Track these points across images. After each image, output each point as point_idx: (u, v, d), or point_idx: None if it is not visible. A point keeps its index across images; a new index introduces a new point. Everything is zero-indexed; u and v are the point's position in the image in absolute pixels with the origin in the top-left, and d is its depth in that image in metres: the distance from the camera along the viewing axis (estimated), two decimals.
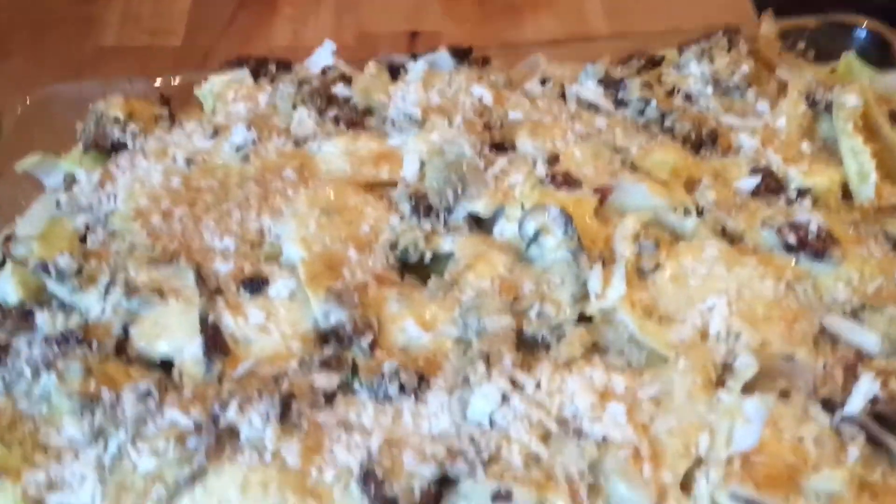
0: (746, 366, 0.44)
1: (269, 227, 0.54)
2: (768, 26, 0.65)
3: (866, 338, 0.46)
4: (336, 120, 0.60)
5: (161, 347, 0.49)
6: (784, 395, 0.45)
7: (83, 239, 0.56)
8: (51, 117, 0.68)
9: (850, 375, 0.45)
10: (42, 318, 0.51)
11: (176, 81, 0.67)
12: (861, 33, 0.65)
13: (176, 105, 0.66)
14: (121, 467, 0.44)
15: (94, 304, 0.51)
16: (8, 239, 0.56)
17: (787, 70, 0.63)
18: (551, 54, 0.66)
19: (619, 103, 0.59)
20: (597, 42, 0.68)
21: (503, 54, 0.66)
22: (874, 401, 0.44)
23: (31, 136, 0.67)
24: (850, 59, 0.64)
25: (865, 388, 0.44)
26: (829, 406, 0.45)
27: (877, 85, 0.61)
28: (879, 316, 0.47)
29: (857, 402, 0.44)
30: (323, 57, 0.64)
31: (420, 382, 0.46)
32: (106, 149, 0.61)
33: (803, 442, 0.44)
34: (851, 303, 0.48)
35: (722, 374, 0.45)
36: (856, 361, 0.46)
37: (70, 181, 0.59)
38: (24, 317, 0.52)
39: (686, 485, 0.43)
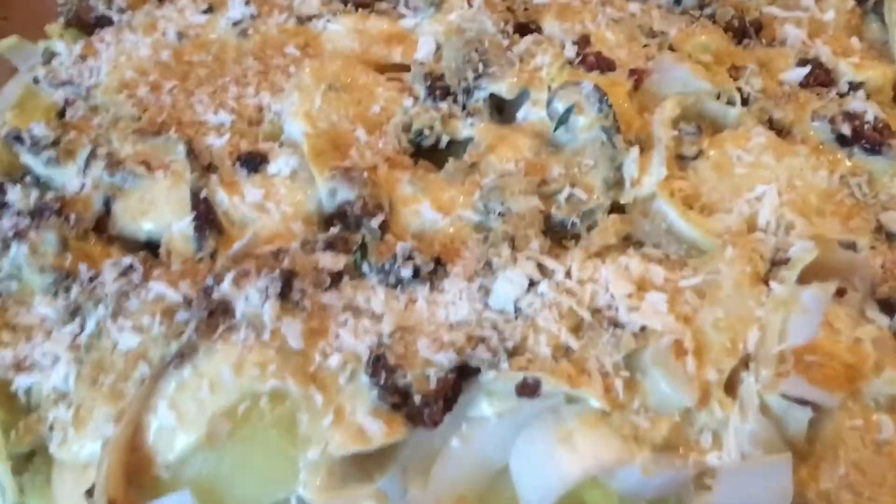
0: (804, 250, 0.39)
1: (268, 104, 0.49)
2: None
3: None
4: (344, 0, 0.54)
5: (146, 225, 0.44)
6: (840, 293, 0.41)
7: (61, 114, 0.50)
8: None
9: None
10: (14, 193, 0.46)
11: None
12: None
13: None
14: (98, 346, 0.40)
15: (72, 178, 0.46)
16: None
17: None
18: None
19: None
20: None
21: None
22: None
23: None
24: None
25: None
26: (889, 307, 0.41)
27: None
28: None
29: None
30: None
31: (436, 268, 0.41)
32: (89, 24, 0.55)
33: (861, 343, 0.40)
34: None
35: (770, 270, 0.41)
36: None
37: (49, 56, 0.54)
38: None
39: (730, 386, 0.39)
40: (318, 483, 0.37)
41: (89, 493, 0.37)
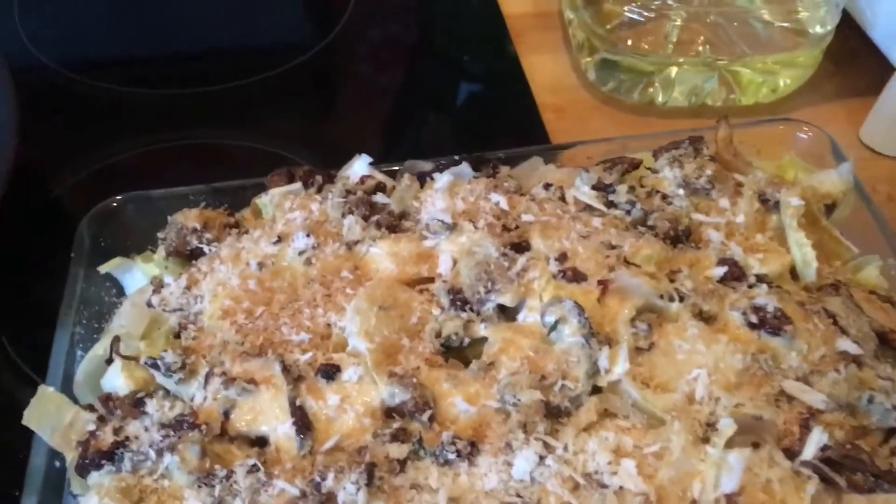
0: (727, 426, 0.56)
1: (335, 322, 0.65)
2: (724, 131, 0.78)
3: (815, 397, 0.60)
4: (378, 224, 0.72)
5: (259, 428, 0.61)
6: (755, 446, 0.58)
7: (177, 336, 0.67)
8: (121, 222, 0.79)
9: (804, 428, 0.59)
10: (152, 405, 0.62)
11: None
12: (802, 135, 0.80)
13: (232, 207, 0.78)
14: None
15: (196, 392, 0.63)
16: (115, 339, 0.67)
17: (744, 167, 0.77)
18: (546, 156, 0.80)
19: (610, 204, 0.72)
20: (585, 145, 0.81)
21: (506, 157, 0.79)
22: (824, 448, 0.58)
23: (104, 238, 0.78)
24: (792, 158, 0.78)
25: (817, 438, 0.57)
26: (790, 454, 0.58)
27: (813, 181, 0.75)
28: (824, 379, 0.61)
29: (810, 450, 0.57)
30: (360, 168, 0.76)
31: (472, 448, 0.58)
32: (185, 254, 0.72)
33: (771, 483, 0.57)
34: (802, 369, 0.62)
35: (706, 432, 0.58)
36: (808, 416, 0.59)
37: (159, 284, 0.70)
38: (135, 404, 0.63)
39: None
40: None
41: None
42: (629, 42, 1.03)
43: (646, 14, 1.04)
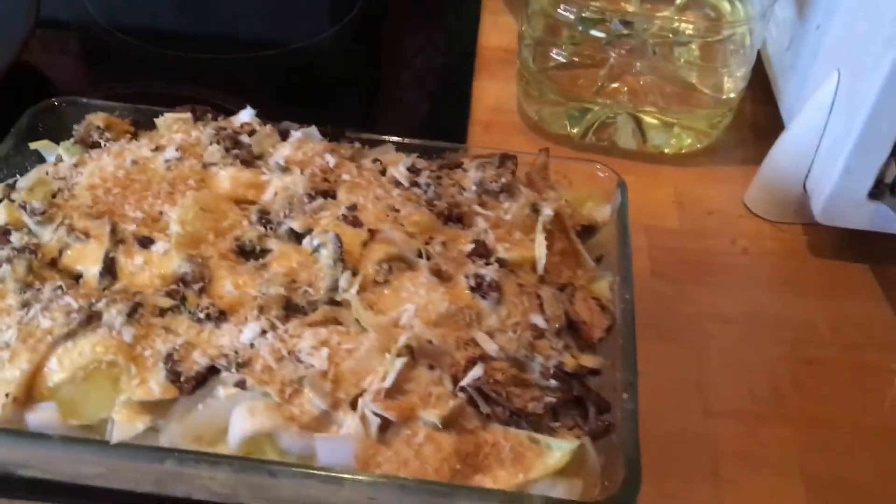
0: (402, 341, 0.73)
1: (166, 211, 0.85)
2: (541, 158, 0.96)
3: (490, 346, 0.75)
4: (236, 157, 0.91)
5: (78, 266, 0.80)
6: (431, 367, 0.74)
7: (54, 196, 0.87)
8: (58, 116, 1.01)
9: (471, 364, 0.74)
10: (16, 236, 0.82)
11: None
12: (602, 174, 0.96)
13: (143, 124, 0.99)
14: (31, 324, 0.74)
15: (47, 234, 0.82)
16: (8, 186, 0.87)
17: (545, 189, 0.94)
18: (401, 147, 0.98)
19: (414, 184, 0.90)
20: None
21: (366, 140, 0.98)
22: (478, 380, 0.73)
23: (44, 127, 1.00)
24: (590, 192, 0.95)
25: (475, 372, 0.73)
26: (454, 380, 0.74)
27: (593, 210, 0.92)
28: (505, 336, 0.77)
29: (467, 378, 0.73)
30: (245, 116, 0.96)
31: (220, 315, 0.76)
32: (88, 145, 0.93)
33: (430, 395, 0.72)
34: (496, 327, 0.78)
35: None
36: (476, 357, 0.75)
37: (58, 160, 0.91)
38: (4, 233, 0.83)
39: (353, 404, 0.72)
40: (122, 412, 0.71)
41: (7, 395, 0.71)
42: (559, 82, 1.22)
43: (576, 59, 1.23)
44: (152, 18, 1.46)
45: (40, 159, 0.97)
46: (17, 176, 0.93)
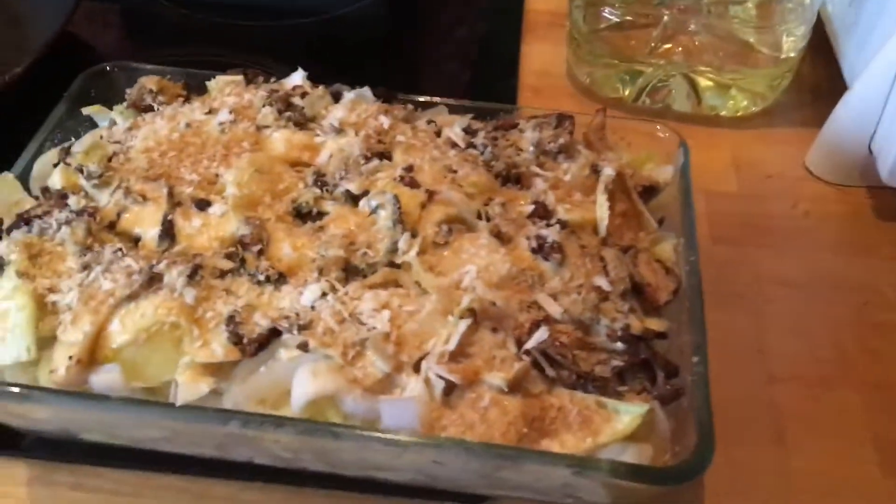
0: (464, 301, 0.71)
1: (221, 174, 0.84)
2: (598, 118, 0.93)
3: (554, 308, 0.74)
4: (289, 119, 0.90)
5: (136, 229, 0.80)
6: (494, 330, 0.73)
7: (109, 160, 0.87)
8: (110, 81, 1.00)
9: (535, 327, 0.73)
10: (73, 200, 0.81)
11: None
12: (662, 135, 0.94)
13: (197, 90, 0.98)
14: (92, 286, 0.74)
15: (105, 197, 0.82)
16: (63, 150, 0.87)
17: (604, 149, 0.91)
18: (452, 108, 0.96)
19: (470, 145, 0.88)
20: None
21: (418, 103, 0.96)
22: (543, 343, 0.72)
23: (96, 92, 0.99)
24: (649, 153, 0.92)
25: (539, 334, 0.71)
26: (518, 343, 0.73)
27: (654, 171, 0.89)
28: (569, 298, 0.75)
29: (532, 342, 0.71)
30: (296, 78, 0.95)
31: (279, 277, 0.75)
32: (141, 108, 0.92)
33: (494, 358, 0.71)
34: (559, 289, 0.76)
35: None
36: (541, 319, 0.73)
37: (112, 123, 0.91)
38: (61, 196, 0.82)
39: (416, 367, 0.71)
40: (186, 374, 0.71)
41: (71, 358, 0.71)
42: (612, 43, 1.19)
43: (628, 18, 1.20)
44: None
45: (93, 125, 0.96)
46: (72, 140, 0.93)
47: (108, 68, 0.99)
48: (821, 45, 1.22)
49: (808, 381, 0.90)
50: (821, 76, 1.25)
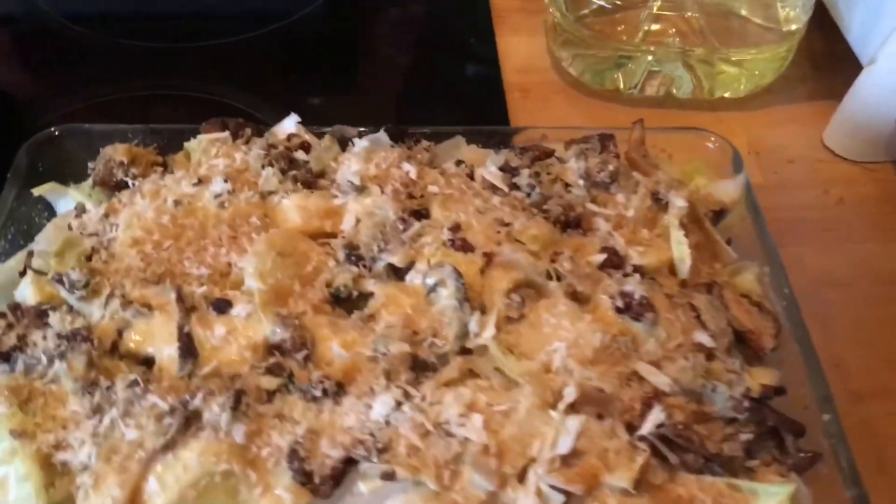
0: (570, 394, 0.61)
1: (235, 261, 0.70)
2: (637, 133, 0.83)
3: (661, 380, 0.64)
4: (295, 179, 0.76)
5: (148, 349, 0.65)
6: (600, 417, 0.63)
7: (89, 258, 0.71)
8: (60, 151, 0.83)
9: (647, 406, 0.63)
10: (55, 317, 0.66)
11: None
12: (710, 144, 0.84)
13: (167, 149, 0.82)
14: (111, 436, 0.60)
15: (96, 311, 0.67)
16: (29, 254, 0.71)
17: (651, 168, 0.81)
18: (469, 137, 0.84)
19: (513, 186, 0.76)
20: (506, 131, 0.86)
21: (432, 134, 0.83)
22: (661, 425, 0.62)
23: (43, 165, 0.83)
24: (697, 165, 0.83)
25: (655, 416, 0.62)
26: (631, 428, 0.63)
27: (711, 188, 0.80)
28: (674, 365, 0.65)
29: (647, 426, 0.62)
30: (288, 126, 0.81)
31: (338, 388, 0.63)
32: (111, 185, 0.77)
33: (608, 452, 0.61)
34: (658, 354, 0.66)
35: (555, 399, 0.63)
36: (652, 396, 0.64)
37: (81, 210, 0.75)
38: (39, 315, 0.67)
39: (521, 477, 0.60)
40: None
41: None
42: (598, 29, 1.08)
43: (617, 2, 1.09)
44: (107, 4, 1.24)
45: (47, 207, 0.80)
46: (25, 229, 0.77)
47: (55, 133, 0.82)
48: (815, 15, 1.14)
49: (893, 395, 0.83)
50: (817, 45, 1.18)
